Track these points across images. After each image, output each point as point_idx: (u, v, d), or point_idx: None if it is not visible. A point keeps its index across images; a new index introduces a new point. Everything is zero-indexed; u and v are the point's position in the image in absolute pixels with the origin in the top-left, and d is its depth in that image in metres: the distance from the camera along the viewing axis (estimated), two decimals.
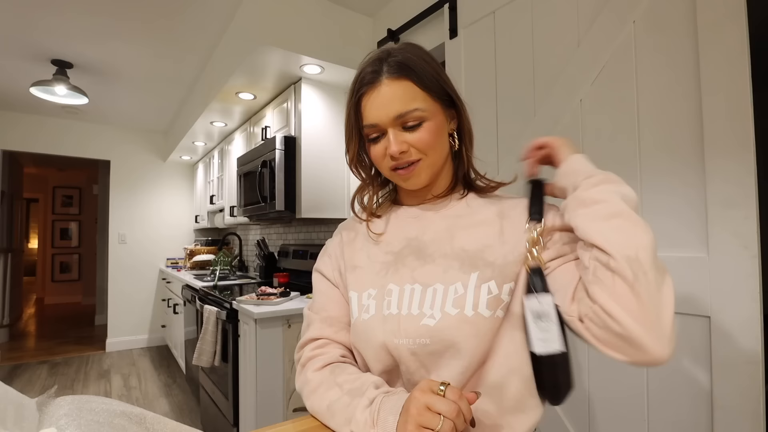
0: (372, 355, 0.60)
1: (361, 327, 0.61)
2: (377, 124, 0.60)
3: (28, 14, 2.07)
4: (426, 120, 0.59)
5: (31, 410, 0.24)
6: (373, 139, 0.62)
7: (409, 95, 0.58)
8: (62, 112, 3.66)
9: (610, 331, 0.47)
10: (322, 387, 0.58)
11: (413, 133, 0.59)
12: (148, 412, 0.29)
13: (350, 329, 0.65)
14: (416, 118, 0.58)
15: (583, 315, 0.50)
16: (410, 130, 0.59)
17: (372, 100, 0.60)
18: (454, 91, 0.64)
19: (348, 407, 0.52)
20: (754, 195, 0.79)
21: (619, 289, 0.46)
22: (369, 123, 0.60)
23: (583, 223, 0.51)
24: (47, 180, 6.66)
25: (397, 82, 0.58)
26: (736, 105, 0.81)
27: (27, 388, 3.06)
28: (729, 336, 0.81)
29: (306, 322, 0.69)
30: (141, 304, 4.26)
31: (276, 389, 1.73)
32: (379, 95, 0.59)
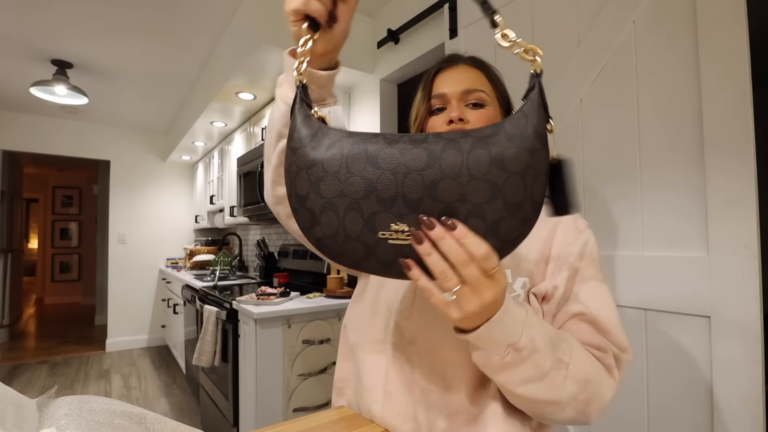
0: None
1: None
2: (445, 94, 0.64)
3: (28, 14, 2.07)
4: (486, 105, 0.63)
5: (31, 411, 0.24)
6: (436, 110, 0.66)
7: (480, 80, 0.65)
8: (62, 112, 3.66)
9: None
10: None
11: (474, 111, 0.63)
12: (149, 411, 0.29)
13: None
14: (480, 99, 0.63)
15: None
16: (472, 108, 0.63)
17: (447, 74, 0.66)
18: (511, 101, 0.70)
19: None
20: (755, 194, 0.79)
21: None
22: (438, 93, 0.65)
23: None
24: (47, 180, 6.66)
25: (473, 69, 0.66)
26: (736, 104, 0.81)
27: (27, 388, 3.06)
28: (729, 336, 0.81)
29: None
30: (141, 304, 4.26)
31: (276, 389, 1.73)
32: (455, 72, 0.66)
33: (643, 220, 0.94)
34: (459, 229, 0.36)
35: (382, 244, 0.39)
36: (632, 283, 0.95)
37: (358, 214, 0.39)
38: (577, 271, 0.59)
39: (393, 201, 0.37)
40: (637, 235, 0.95)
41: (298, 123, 0.43)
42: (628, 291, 0.96)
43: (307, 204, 0.41)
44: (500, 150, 0.35)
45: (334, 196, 0.39)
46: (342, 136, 0.40)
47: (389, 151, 0.38)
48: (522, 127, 0.36)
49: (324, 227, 0.41)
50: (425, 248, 0.38)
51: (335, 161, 0.39)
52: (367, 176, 0.38)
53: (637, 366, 0.94)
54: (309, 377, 1.80)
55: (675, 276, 0.88)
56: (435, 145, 0.37)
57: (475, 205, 0.36)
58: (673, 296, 0.89)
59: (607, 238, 1.00)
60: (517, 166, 0.35)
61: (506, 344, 0.43)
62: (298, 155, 0.42)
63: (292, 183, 0.42)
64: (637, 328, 0.95)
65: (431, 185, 0.36)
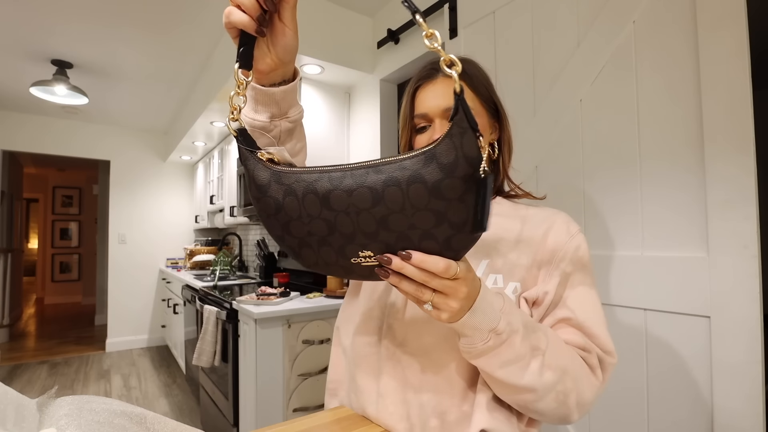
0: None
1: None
2: (426, 114, 0.64)
3: (28, 14, 2.07)
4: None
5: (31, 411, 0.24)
6: (420, 129, 0.66)
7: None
8: (62, 112, 3.66)
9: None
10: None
11: None
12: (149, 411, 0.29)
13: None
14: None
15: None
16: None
17: (426, 92, 0.65)
18: (500, 103, 0.68)
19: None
20: (754, 195, 0.79)
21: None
22: (419, 112, 0.65)
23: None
24: (47, 180, 6.66)
25: (452, 81, 0.63)
26: (736, 105, 0.81)
27: (27, 388, 3.06)
28: (729, 336, 0.81)
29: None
30: (141, 304, 4.26)
31: (276, 389, 1.73)
32: (434, 88, 0.64)
33: (643, 220, 0.94)
34: (414, 256, 0.40)
35: (357, 266, 0.44)
36: (632, 283, 0.95)
37: (329, 247, 0.43)
38: (567, 276, 0.60)
39: (354, 235, 0.41)
40: (637, 235, 0.95)
41: (251, 173, 0.45)
42: (628, 291, 0.96)
43: (285, 242, 0.46)
44: (436, 181, 0.37)
45: (305, 235, 0.43)
46: (293, 179, 0.42)
47: (338, 194, 0.40)
48: (452, 156, 0.37)
49: (305, 260, 0.46)
50: (393, 279, 0.42)
51: (294, 208, 0.42)
52: (325, 218, 0.41)
53: (637, 366, 0.94)
54: (309, 377, 1.80)
55: (675, 276, 0.88)
56: (376, 182, 0.39)
57: (424, 230, 0.39)
58: (673, 296, 0.89)
59: (606, 238, 1.00)
60: (454, 193, 0.37)
61: (488, 330, 0.47)
62: (263, 204, 0.44)
63: (267, 226, 0.46)
64: (637, 328, 0.95)
65: (382, 220, 0.39)
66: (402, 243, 0.40)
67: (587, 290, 0.60)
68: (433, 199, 0.37)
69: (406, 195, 0.38)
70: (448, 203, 0.37)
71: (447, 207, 0.37)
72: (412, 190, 0.37)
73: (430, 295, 0.43)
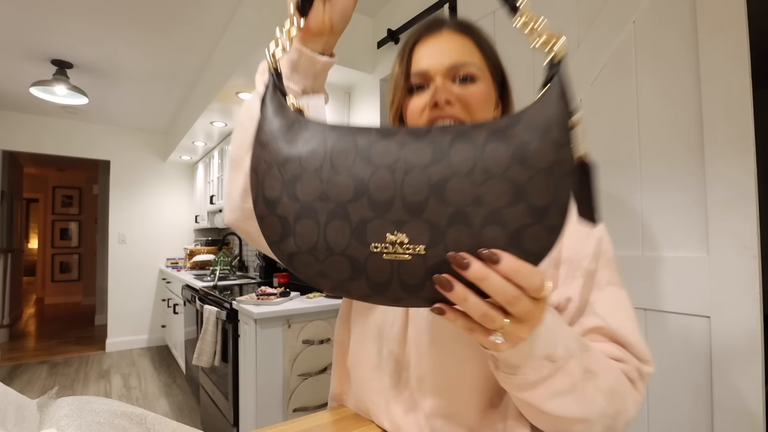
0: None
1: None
2: (427, 71, 0.54)
3: (28, 14, 2.07)
4: (478, 80, 0.54)
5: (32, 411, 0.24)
6: (417, 88, 0.55)
7: (468, 50, 0.55)
8: (62, 112, 3.66)
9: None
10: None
11: (464, 89, 0.53)
12: (149, 412, 0.29)
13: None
14: (470, 74, 0.53)
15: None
16: (460, 84, 0.53)
17: (428, 45, 0.55)
18: (506, 73, 0.60)
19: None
20: (754, 195, 0.79)
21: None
22: (419, 70, 0.55)
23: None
24: (47, 180, 6.66)
25: (459, 37, 0.55)
26: (736, 105, 0.81)
27: (27, 388, 3.06)
28: (729, 336, 0.81)
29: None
30: (141, 304, 4.26)
31: (276, 389, 1.73)
32: (438, 42, 0.55)
33: (643, 220, 0.94)
34: (506, 261, 0.29)
35: (374, 259, 0.31)
36: (632, 283, 0.95)
37: (344, 221, 0.31)
38: (592, 275, 0.52)
39: (389, 205, 0.31)
40: (637, 235, 0.95)
41: (269, 113, 0.37)
42: (628, 291, 0.96)
43: (277, 210, 0.34)
44: (521, 143, 0.30)
45: (314, 199, 0.32)
46: (325, 128, 0.34)
47: (384, 145, 0.32)
48: (544, 117, 0.30)
49: (300, 239, 0.33)
50: (459, 294, 0.30)
51: (316, 156, 0.33)
52: (356, 174, 0.31)
53: None
54: (309, 377, 1.80)
55: (675, 276, 0.88)
56: (441, 137, 0.31)
57: (493, 209, 0.30)
58: (673, 296, 0.89)
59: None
60: (542, 162, 0.30)
61: (542, 356, 0.38)
62: (269, 150, 0.35)
63: (260, 184, 0.35)
64: None
65: (438, 185, 0.30)
66: (455, 227, 0.30)
67: (616, 291, 0.52)
68: (514, 164, 0.29)
69: (480, 155, 0.30)
70: (532, 175, 0.29)
71: (529, 180, 0.29)
72: (489, 150, 0.30)
73: (502, 322, 0.32)
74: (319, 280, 0.34)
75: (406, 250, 0.31)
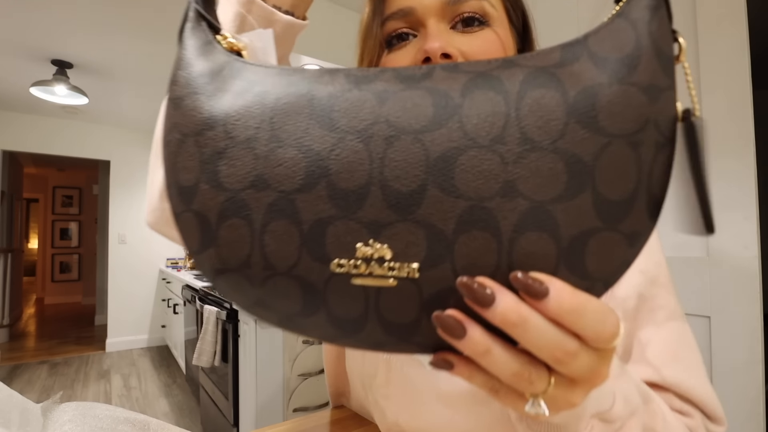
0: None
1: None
2: (412, 10, 0.36)
3: (28, 14, 2.07)
4: (491, 25, 0.36)
5: (36, 415, 0.24)
6: (398, 37, 0.38)
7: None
8: (62, 112, 3.66)
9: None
10: None
11: (468, 36, 0.36)
12: (152, 418, 0.30)
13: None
14: (479, 9, 0.36)
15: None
16: (465, 30, 0.36)
17: None
18: (528, 16, 0.43)
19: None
20: (754, 195, 0.79)
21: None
22: (399, 8, 0.36)
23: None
24: (47, 180, 6.65)
25: None
26: (736, 105, 0.81)
27: (27, 389, 3.06)
28: (729, 336, 0.81)
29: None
30: (141, 304, 4.27)
31: (276, 389, 1.73)
32: None
33: None
34: (558, 295, 0.17)
35: (339, 283, 0.20)
36: None
37: (290, 223, 0.20)
38: (643, 302, 0.39)
39: (362, 196, 0.19)
40: None
41: (188, 54, 0.26)
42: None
43: (193, 204, 0.22)
44: (585, 89, 0.18)
45: (245, 186, 0.21)
46: (268, 73, 0.23)
47: (357, 97, 0.20)
48: (624, 45, 0.19)
49: (225, 249, 0.21)
50: (476, 345, 0.18)
51: (250, 117, 0.21)
52: (310, 146, 0.20)
53: None
54: (309, 377, 1.80)
55: (675, 276, 0.88)
56: (448, 82, 0.20)
57: (535, 203, 0.18)
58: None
59: None
60: (622, 123, 0.18)
61: (594, 415, 0.27)
62: (184, 110, 0.23)
63: (172, 164, 0.23)
64: None
65: (443, 163, 0.19)
66: (470, 235, 0.18)
67: (676, 327, 0.39)
68: (575, 124, 0.18)
69: (515, 110, 0.18)
70: (606, 144, 0.18)
71: (601, 153, 0.18)
72: (530, 101, 0.18)
73: (545, 385, 0.19)
74: (259, 311, 0.22)
75: (388, 272, 0.19)
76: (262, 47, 0.31)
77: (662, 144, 0.19)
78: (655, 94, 0.19)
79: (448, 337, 0.19)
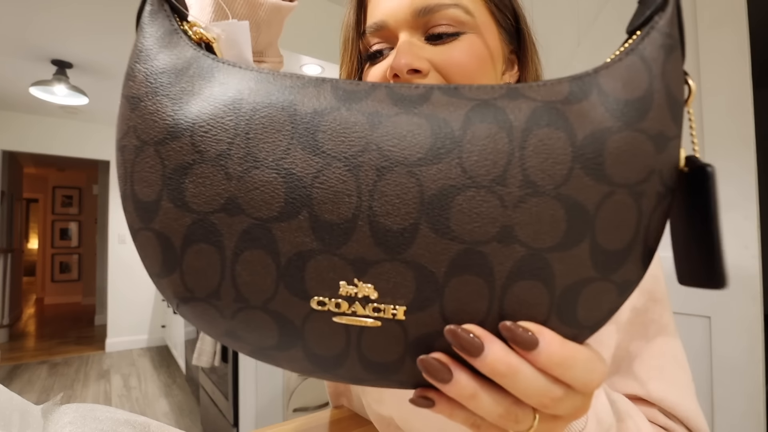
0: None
1: None
2: (384, 23, 0.35)
3: (28, 14, 2.07)
4: (467, 32, 0.34)
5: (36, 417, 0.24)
6: (374, 54, 0.37)
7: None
8: (62, 112, 3.66)
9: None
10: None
11: (441, 47, 0.34)
12: (152, 420, 0.29)
13: None
14: (451, 19, 0.34)
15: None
16: (437, 41, 0.34)
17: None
18: (523, 17, 0.40)
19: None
20: (755, 195, 0.79)
21: None
22: (373, 21, 0.36)
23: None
24: (47, 180, 6.65)
25: None
26: (736, 105, 0.81)
27: (27, 389, 3.06)
28: (729, 336, 0.81)
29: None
30: (141, 304, 4.27)
31: (276, 389, 1.73)
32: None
33: None
34: (549, 347, 0.18)
35: (318, 321, 0.19)
36: None
37: (266, 253, 0.18)
38: (637, 315, 0.39)
39: (348, 231, 0.18)
40: None
41: (147, 43, 0.23)
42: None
43: (154, 222, 0.20)
44: (594, 132, 0.17)
45: (216, 209, 0.19)
46: (245, 77, 0.20)
47: (345, 117, 0.18)
48: (640, 85, 0.18)
49: (191, 277, 0.19)
50: (462, 390, 0.18)
51: (222, 129, 0.19)
52: (291, 170, 0.18)
53: None
54: (309, 377, 1.80)
55: (675, 276, 0.88)
56: (447, 108, 0.18)
57: (532, 252, 0.17)
58: (673, 296, 0.89)
59: None
60: (630, 172, 0.18)
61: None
62: (143, 112, 0.20)
63: (129, 173, 0.20)
64: None
65: (438, 201, 0.17)
66: (462, 279, 0.18)
67: (666, 342, 0.38)
68: (580, 169, 0.17)
69: (518, 149, 0.17)
70: (609, 193, 0.17)
71: (603, 203, 0.17)
72: (536, 140, 0.17)
73: (530, 423, 0.19)
74: (229, 341, 0.21)
75: (372, 312, 0.18)
76: (236, 40, 0.27)
77: (663, 195, 0.19)
78: (662, 144, 0.18)
79: (433, 381, 0.18)
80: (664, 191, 0.19)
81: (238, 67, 0.20)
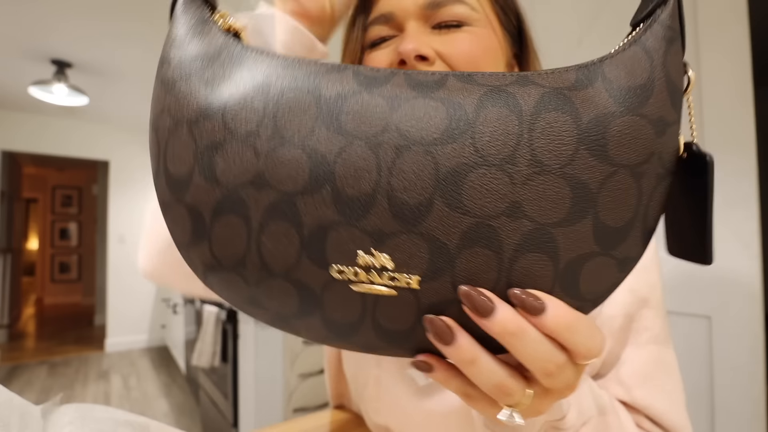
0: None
1: None
2: (392, 14, 0.36)
3: (28, 14, 2.07)
4: (471, 24, 0.35)
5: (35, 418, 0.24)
6: (379, 42, 0.38)
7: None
8: (62, 112, 3.66)
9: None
10: None
11: (447, 36, 0.35)
12: (152, 420, 0.29)
13: None
14: (456, 16, 0.35)
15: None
16: (443, 30, 0.35)
17: None
18: (525, 22, 0.42)
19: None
20: (755, 194, 0.79)
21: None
22: (380, 13, 0.37)
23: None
24: (46, 180, 6.65)
25: None
26: (736, 104, 0.81)
27: (26, 389, 3.06)
28: (729, 336, 0.81)
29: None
30: (140, 305, 4.26)
31: (276, 389, 1.73)
32: None
33: None
34: (555, 311, 0.19)
35: (336, 289, 0.20)
36: None
37: (290, 225, 0.20)
38: (629, 320, 0.39)
39: (367, 205, 0.19)
40: None
41: (180, 32, 0.23)
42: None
43: (186, 196, 0.21)
44: (598, 116, 0.19)
45: (244, 183, 0.20)
46: (273, 63, 0.22)
47: (367, 100, 0.20)
48: (637, 74, 0.19)
49: (219, 246, 0.21)
50: (463, 352, 0.19)
51: (251, 111, 0.21)
52: (315, 147, 0.20)
53: None
54: (309, 377, 1.80)
55: (675, 276, 0.88)
56: (461, 93, 0.20)
57: (538, 226, 0.19)
58: (673, 296, 0.89)
59: None
60: (632, 153, 0.19)
61: (549, 422, 0.29)
62: (177, 94, 0.22)
63: (161, 151, 0.22)
64: None
65: (451, 178, 0.19)
66: (473, 251, 0.19)
67: (656, 350, 0.39)
68: (584, 151, 0.18)
69: (527, 131, 0.19)
70: (612, 173, 0.19)
71: (605, 182, 0.19)
72: (544, 124, 0.19)
73: (522, 396, 0.20)
74: (250, 309, 0.23)
75: (389, 281, 0.19)
76: (262, 30, 0.29)
77: (662, 176, 0.20)
78: (662, 128, 0.19)
79: (437, 342, 0.20)
80: (664, 173, 0.20)
81: (265, 54, 0.22)
